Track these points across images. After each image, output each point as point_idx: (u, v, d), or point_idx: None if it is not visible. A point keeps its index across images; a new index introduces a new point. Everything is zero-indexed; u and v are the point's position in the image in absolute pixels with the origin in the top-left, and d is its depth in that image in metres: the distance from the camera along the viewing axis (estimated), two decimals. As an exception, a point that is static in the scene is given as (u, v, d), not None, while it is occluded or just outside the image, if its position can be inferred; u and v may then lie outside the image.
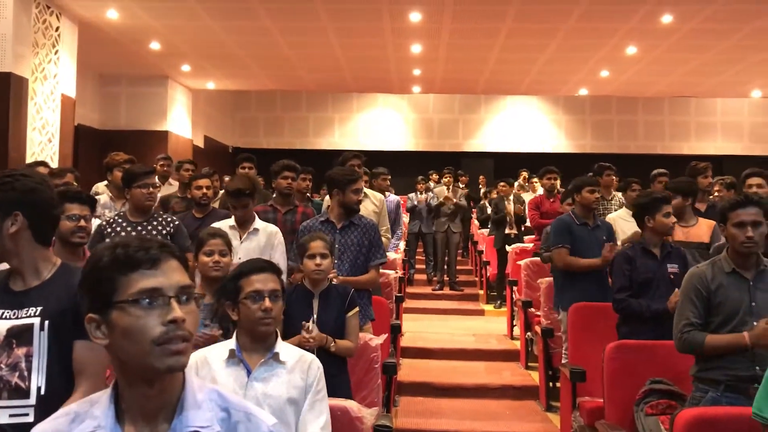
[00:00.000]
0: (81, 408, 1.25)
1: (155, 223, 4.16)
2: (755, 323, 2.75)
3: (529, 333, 6.19)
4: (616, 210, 6.06)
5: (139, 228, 4.10)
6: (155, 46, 9.90)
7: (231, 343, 2.37)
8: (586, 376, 4.18)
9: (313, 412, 2.33)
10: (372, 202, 5.22)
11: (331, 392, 2.80)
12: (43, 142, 7.89)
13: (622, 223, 5.43)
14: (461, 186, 10.56)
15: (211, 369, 2.31)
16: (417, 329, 7.55)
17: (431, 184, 10.26)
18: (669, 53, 10.17)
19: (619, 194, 6.42)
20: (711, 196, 5.31)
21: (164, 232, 4.12)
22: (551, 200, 7.04)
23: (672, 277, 3.78)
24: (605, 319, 4.39)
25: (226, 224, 4.28)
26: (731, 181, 5.36)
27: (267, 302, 2.32)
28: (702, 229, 4.52)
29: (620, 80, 12.14)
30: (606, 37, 9.47)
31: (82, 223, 3.18)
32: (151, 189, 4.14)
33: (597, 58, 10.58)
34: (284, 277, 3.36)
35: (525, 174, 11.66)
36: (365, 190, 5.21)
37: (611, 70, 11.45)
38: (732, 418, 2.50)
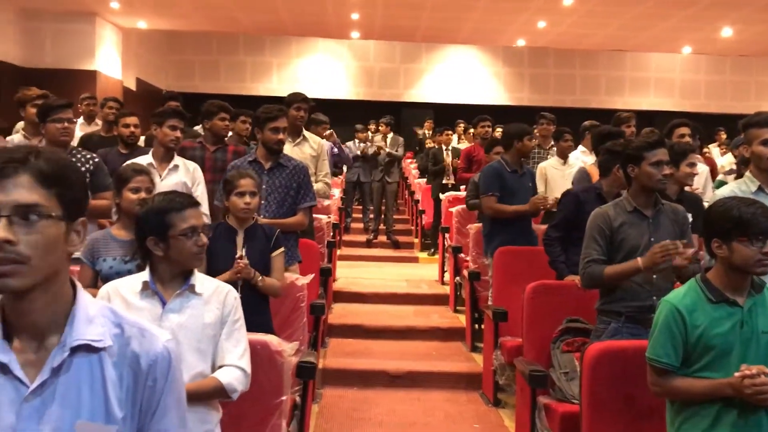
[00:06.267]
0: None
1: (74, 160, 4.00)
2: None
3: (458, 277, 6.32)
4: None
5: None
6: (81, -20, 9.44)
7: (144, 275, 2.34)
8: (509, 317, 4.32)
9: (231, 341, 2.34)
10: (310, 146, 5.05)
11: (254, 331, 2.81)
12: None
13: (552, 171, 5.72)
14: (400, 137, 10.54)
15: (123, 300, 2.28)
16: (351, 275, 7.60)
17: (369, 134, 10.21)
18: (603, 6, 10.27)
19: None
20: None
21: (83, 169, 3.98)
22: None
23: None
24: (529, 262, 4.52)
25: (143, 161, 4.18)
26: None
27: (204, 238, 2.34)
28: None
29: (557, 31, 12.24)
30: (542, -14, 9.50)
31: None
32: (66, 123, 3.96)
33: (534, 8, 10.61)
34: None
35: (462, 125, 11.70)
36: (305, 133, 5.08)
37: (548, 21, 11.52)
38: (635, 349, 2.63)
